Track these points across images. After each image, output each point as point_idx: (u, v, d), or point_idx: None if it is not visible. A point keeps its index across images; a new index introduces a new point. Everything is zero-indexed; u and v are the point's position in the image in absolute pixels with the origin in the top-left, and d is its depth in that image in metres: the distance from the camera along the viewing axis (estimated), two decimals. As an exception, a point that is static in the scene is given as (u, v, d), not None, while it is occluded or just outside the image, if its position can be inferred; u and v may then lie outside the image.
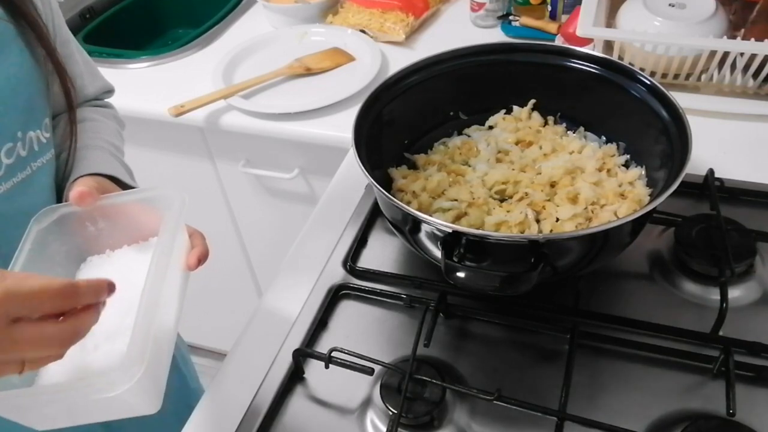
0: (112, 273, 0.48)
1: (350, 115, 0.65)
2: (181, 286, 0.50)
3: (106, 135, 0.67)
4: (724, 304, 0.58)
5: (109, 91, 0.74)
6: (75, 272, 0.52)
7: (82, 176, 0.58)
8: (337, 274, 0.69)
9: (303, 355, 0.60)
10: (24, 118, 0.54)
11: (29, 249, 0.48)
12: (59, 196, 0.61)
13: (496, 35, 1.15)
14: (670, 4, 0.90)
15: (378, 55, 1.07)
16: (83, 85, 0.68)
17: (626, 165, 0.70)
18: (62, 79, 0.60)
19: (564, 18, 1.08)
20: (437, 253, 0.55)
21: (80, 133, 0.63)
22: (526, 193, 0.66)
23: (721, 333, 0.58)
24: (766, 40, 0.80)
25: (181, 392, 0.83)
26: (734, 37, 0.87)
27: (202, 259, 0.52)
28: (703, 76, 0.90)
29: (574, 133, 0.75)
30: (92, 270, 0.51)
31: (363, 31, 1.15)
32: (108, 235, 0.52)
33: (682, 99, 0.63)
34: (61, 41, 0.63)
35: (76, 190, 0.51)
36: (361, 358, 0.57)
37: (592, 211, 0.64)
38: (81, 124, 0.65)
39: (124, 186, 0.60)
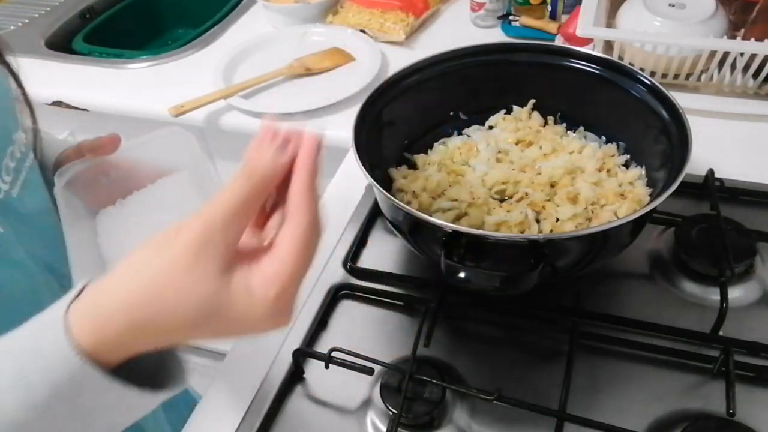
0: (134, 214, 0.54)
1: (350, 115, 0.65)
2: None
3: None
4: (724, 304, 0.58)
5: None
6: (93, 224, 0.56)
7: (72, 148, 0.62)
8: (337, 274, 0.69)
9: (303, 355, 0.60)
10: (12, 121, 0.55)
11: (64, 205, 0.52)
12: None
13: (496, 35, 1.14)
14: (670, 4, 0.90)
15: (378, 55, 1.07)
16: None
17: (626, 165, 0.70)
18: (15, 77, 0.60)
19: (564, 18, 1.09)
20: (437, 253, 0.55)
21: None
22: (526, 193, 0.66)
23: (721, 333, 0.58)
24: (766, 40, 0.80)
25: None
26: (734, 37, 0.87)
27: None
28: (703, 76, 0.90)
29: (574, 133, 0.75)
30: (111, 219, 0.55)
31: (363, 31, 1.15)
32: (120, 185, 0.56)
33: (682, 99, 0.63)
34: None
35: (106, 137, 0.56)
36: (361, 358, 0.57)
37: (592, 211, 0.64)
38: None
39: None
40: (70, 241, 0.51)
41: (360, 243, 0.73)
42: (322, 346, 0.62)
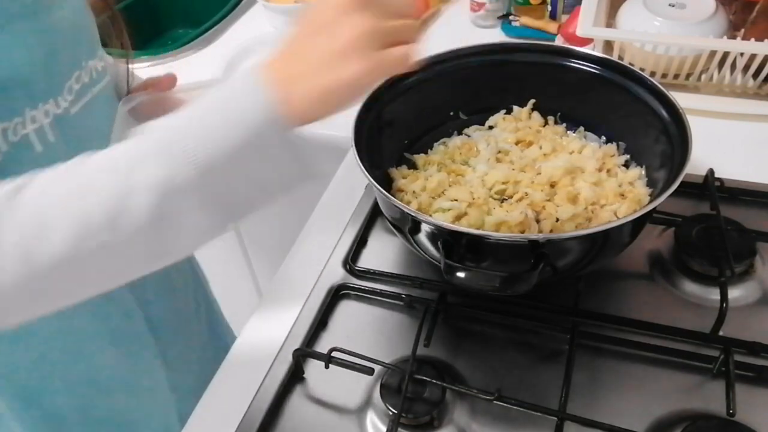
0: None
1: (350, 115, 0.65)
2: None
3: None
4: (724, 304, 0.58)
5: None
6: None
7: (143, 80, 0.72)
8: (337, 274, 0.69)
9: (303, 355, 0.60)
10: (86, 49, 0.60)
11: (119, 124, 0.60)
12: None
13: (496, 35, 1.14)
14: (670, 4, 0.90)
15: (378, 55, 1.07)
16: None
17: (626, 165, 0.70)
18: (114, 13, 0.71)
19: (564, 18, 1.08)
20: (437, 253, 0.55)
21: None
22: (526, 193, 0.66)
23: (721, 333, 0.58)
24: (766, 40, 0.80)
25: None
26: (734, 37, 0.87)
27: None
28: (703, 76, 0.90)
29: (574, 133, 0.75)
30: None
31: (363, 31, 1.15)
32: None
33: (682, 99, 0.63)
34: None
35: (164, 76, 0.68)
36: (361, 358, 0.57)
37: (592, 211, 0.64)
38: None
39: None
40: None
41: (360, 243, 0.73)
42: (322, 346, 0.62)
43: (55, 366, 0.64)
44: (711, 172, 0.72)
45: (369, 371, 0.56)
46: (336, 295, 0.67)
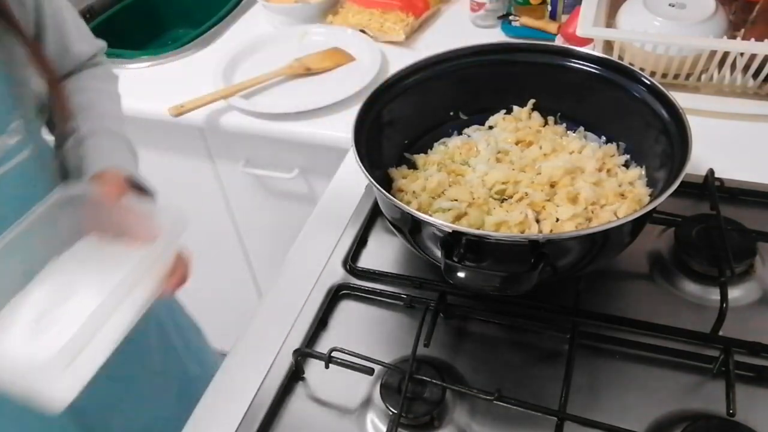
0: (99, 260, 0.53)
1: (350, 115, 0.65)
2: (146, 300, 0.52)
3: (110, 110, 0.70)
4: (724, 304, 0.58)
5: (102, 48, 0.75)
6: (74, 243, 0.55)
7: (103, 170, 0.60)
8: (337, 274, 0.69)
9: (303, 355, 0.60)
10: None
11: (46, 208, 0.52)
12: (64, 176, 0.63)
13: (496, 35, 1.14)
14: (670, 4, 0.90)
15: (378, 55, 1.07)
16: (76, 48, 0.68)
17: (626, 165, 0.70)
18: (50, 78, 0.60)
19: (564, 18, 1.08)
20: (437, 253, 0.55)
21: (84, 112, 0.65)
22: (526, 193, 0.66)
23: (721, 333, 0.58)
24: (766, 40, 0.80)
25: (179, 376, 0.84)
26: (734, 37, 0.87)
27: (178, 286, 0.54)
28: (703, 76, 0.90)
29: (574, 133, 0.75)
30: (86, 248, 0.55)
31: (363, 31, 1.15)
32: (117, 226, 0.56)
33: (682, 99, 0.63)
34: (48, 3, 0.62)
35: (109, 189, 0.56)
36: (361, 358, 0.57)
37: (592, 211, 0.64)
38: (81, 96, 0.67)
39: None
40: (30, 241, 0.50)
41: (360, 243, 0.73)
42: (322, 346, 0.62)
43: None
44: (711, 172, 0.72)
45: (369, 371, 0.56)
46: (336, 295, 0.67)
